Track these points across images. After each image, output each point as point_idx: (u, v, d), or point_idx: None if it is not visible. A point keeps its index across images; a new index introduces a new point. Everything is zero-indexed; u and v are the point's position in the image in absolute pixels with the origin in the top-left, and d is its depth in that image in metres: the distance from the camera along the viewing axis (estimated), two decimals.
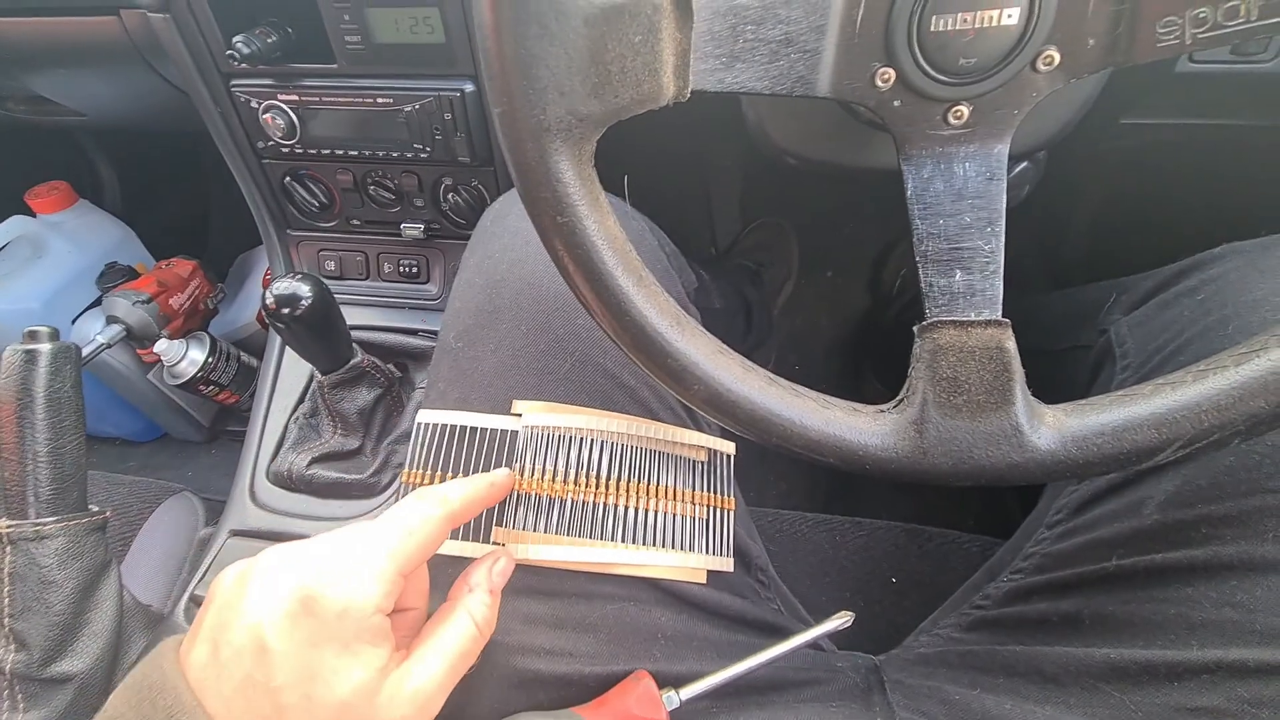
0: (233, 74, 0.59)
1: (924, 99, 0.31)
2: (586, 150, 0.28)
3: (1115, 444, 0.28)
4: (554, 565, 0.35)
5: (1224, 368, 0.28)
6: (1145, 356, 0.40)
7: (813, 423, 0.30)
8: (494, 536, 0.36)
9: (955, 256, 0.32)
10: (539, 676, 0.33)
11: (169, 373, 0.91)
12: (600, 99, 0.26)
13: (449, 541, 0.36)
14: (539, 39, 0.25)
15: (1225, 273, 0.39)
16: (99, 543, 0.43)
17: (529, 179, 0.27)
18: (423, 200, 0.64)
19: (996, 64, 0.30)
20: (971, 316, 0.31)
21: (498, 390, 0.38)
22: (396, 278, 0.71)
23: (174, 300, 0.90)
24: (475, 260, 0.43)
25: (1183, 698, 0.30)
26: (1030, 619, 0.37)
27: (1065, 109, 0.42)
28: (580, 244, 0.28)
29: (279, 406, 0.65)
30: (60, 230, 0.95)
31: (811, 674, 0.39)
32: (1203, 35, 0.27)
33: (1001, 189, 0.32)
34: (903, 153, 0.32)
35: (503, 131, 0.27)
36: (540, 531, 0.36)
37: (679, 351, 0.30)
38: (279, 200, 0.68)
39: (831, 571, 0.55)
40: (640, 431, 0.38)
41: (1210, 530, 0.32)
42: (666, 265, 0.47)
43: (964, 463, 0.30)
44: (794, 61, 0.30)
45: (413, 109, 0.56)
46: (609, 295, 0.29)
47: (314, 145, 0.61)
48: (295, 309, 0.50)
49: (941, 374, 0.30)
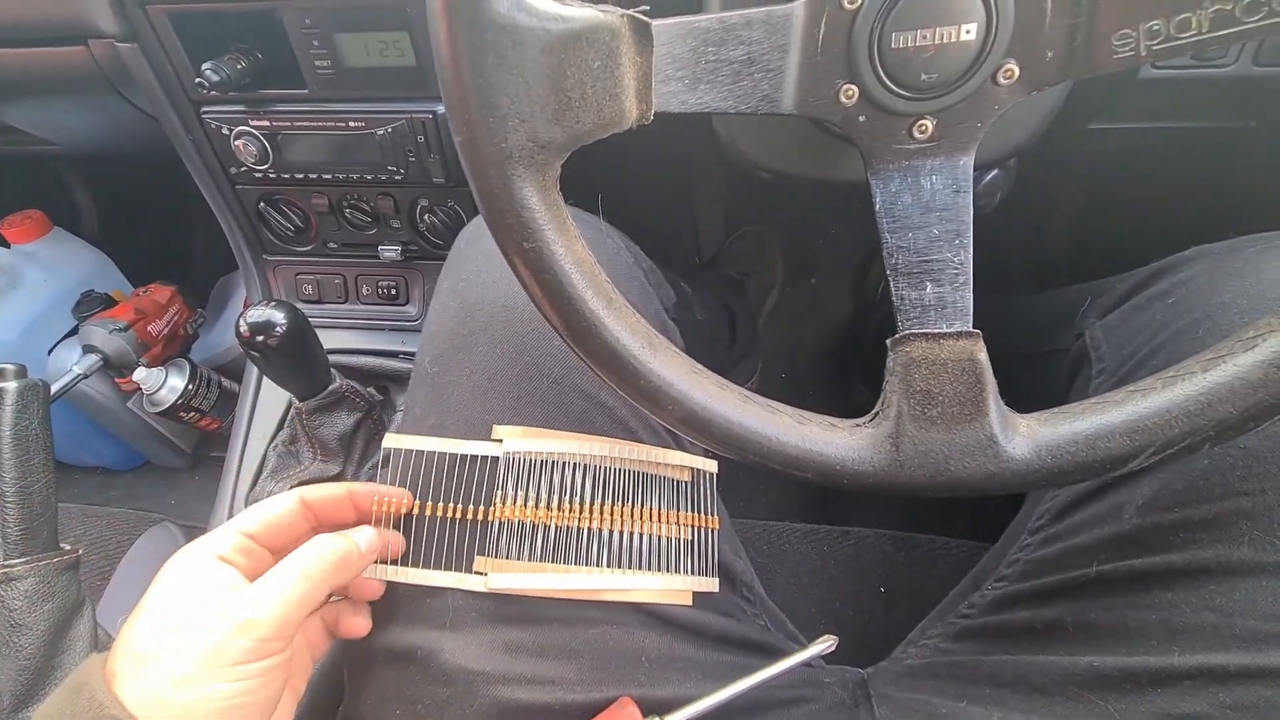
0: (203, 101, 0.58)
1: (888, 114, 0.31)
2: (550, 175, 0.28)
3: (1089, 452, 0.29)
4: (539, 594, 0.35)
5: (1192, 374, 0.28)
6: (1120, 360, 0.41)
7: (789, 439, 0.30)
8: (476, 565, 0.35)
9: (925, 269, 0.32)
10: (521, 706, 0.33)
11: (149, 400, 0.90)
12: (562, 125, 0.26)
13: (428, 571, 0.35)
14: (497, 68, 0.25)
15: (1194, 275, 0.39)
16: (71, 582, 0.42)
17: (493, 206, 0.27)
18: (399, 221, 0.64)
19: (958, 79, 0.30)
20: (943, 328, 0.31)
21: (475, 414, 0.38)
22: (375, 299, 0.70)
23: (152, 327, 0.89)
24: (449, 284, 0.43)
25: (1167, 704, 0.30)
26: (1015, 627, 0.37)
27: (1031, 117, 0.42)
28: (548, 269, 0.28)
29: (257, 434, 0.65)
30: (34, 260, 0.94)
31: (798, 692, 0.38)
32: (1157, 47, 0.28)
33: (968, 201, 0.32)
34: (870, 167, 0.32)
35: (465, 160, 0.27)
36: (524, 559, 0.36)
37: (652, 372, 0.29)
38: (254, 225, 0.68)
39: (820, 583, 0.55)
40: (623, 454, 0.38)
41: (1188, 534, 0.32)
42: (643, 282, 0.47)
43: (940, 475, 0.30)
44: (758, 81, 0.30)
45: (385, 132, 0.56)
46: (578, 319, 0.29)
47: (288, 170, 0.61)
48: (270, 336, 0.50)
49: (915, 387, 0.30)
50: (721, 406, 0.30)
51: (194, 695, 0.26)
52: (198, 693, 0.26)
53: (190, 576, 0.29)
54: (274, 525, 0.32)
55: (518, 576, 0.35)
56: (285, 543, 0.32)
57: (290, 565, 0.29)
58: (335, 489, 0.34)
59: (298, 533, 0.33)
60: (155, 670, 0.26)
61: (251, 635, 0.27)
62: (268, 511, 0.32)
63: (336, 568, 0.30)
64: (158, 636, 0.27)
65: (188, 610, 0.28)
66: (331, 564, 0.30)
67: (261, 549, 0.31)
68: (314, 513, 0.33)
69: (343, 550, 0.31)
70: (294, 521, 0.33)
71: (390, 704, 0.34)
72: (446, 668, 0.33)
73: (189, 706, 0.26)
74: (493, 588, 0.34)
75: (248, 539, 0.31)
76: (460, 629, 0.34)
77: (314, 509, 0.33)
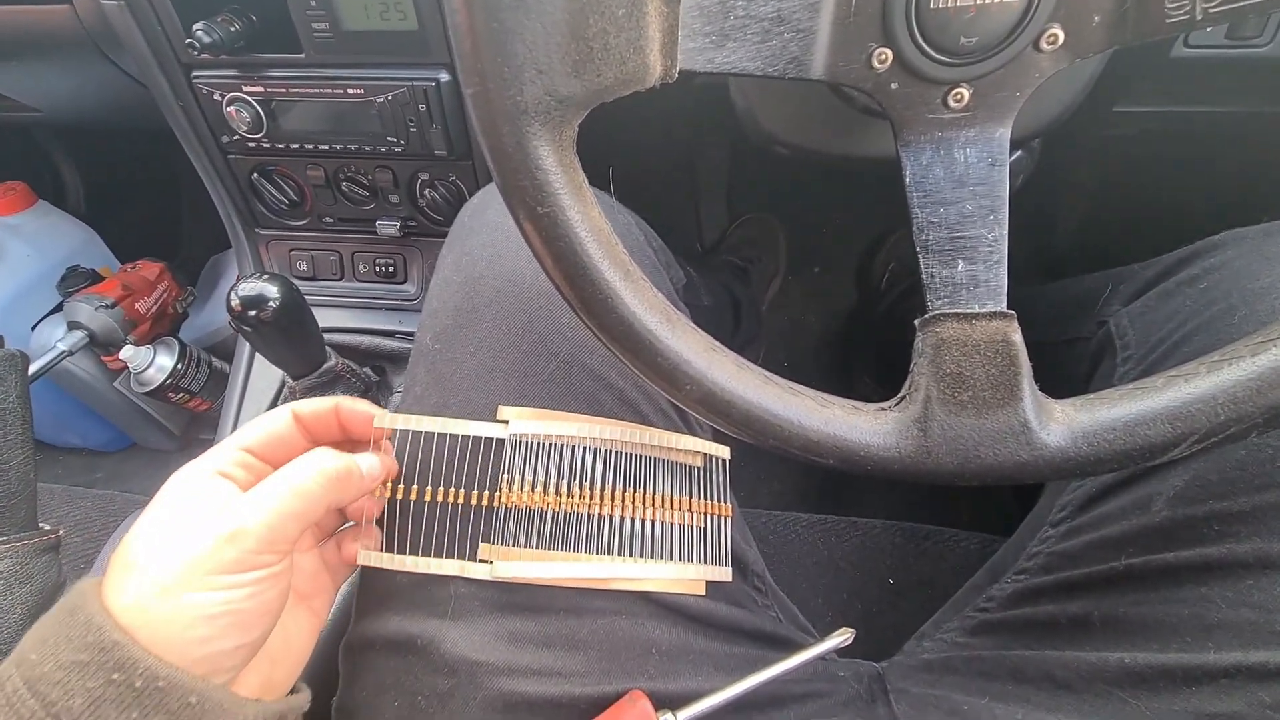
0: (193, 65, 0.56)
1: (923, 81, 0.30)
2: (568, 135, 0.26)
3: (1128, 439, 0.27)
4: (548, 583, 0.33)
5: (1240, 358, 0.27)
6: (1147, 348, 0.39)
7: (811, 422, 0.29)
8: (481, 553, 0.34)
9: (957, 246, 0.31)
10: (526, 699, 0.31)
11: (136, 380, 0.87)
12: (581, 78, 0.25)
13: (429, 559, 0.34)
14: (514, 11, 0.23)
15: (1228, 260, 0.38)
16: (50, 564, 0.40)
17: (506, 166, 0.25)
18: (398, 196, 0.62)
19: (998, 43, 0.28)
20: (975, 309, 0.29)
21: (478, 394, 0.36)
22: (372, 278, 0.68)
23: (140, 304, 0.87)
24: (453, 257, 0.41)
25: (1201, 703, 0.29)
26: (1038, 622, 0.36)
27: (1066, 91, 0.41)
28: (562, 236, 0.26)
29: (249, 414, 0.63)
30: (18, 233, 0.91)
31: (813, 686, 0.37)
32: (1214, 9, 0.26)
33: (1004, 175, 0.31)
34: (900, 138, 0.31)
35: (476, 115, 0.25)
36: (532, 547, 0.34)
37: (669, 350, 0.28)
38: (247, 198, 0.65)
39: (828, 574, 0.54)
40: (633, 438, 0.36)
41: (1223, 527, 0.31)
42: (654, 261, 0.45)
43: (970, 462, 0.29)
44: (787, 41, 0.28)
45: (385, 100, 0.54)
46: (594, 291, 0.27)
47: (282, 139, 0.58)
48: (262, 311, 0.48)
49: (945, 369, 0.29)
50: (741, 387, 0.29)
51: (177, 603, 0.25)
52: (181, 600, 0.25)
53: (187, 490, 0.29)
54: (273, 440, 0.32)
55: (525, 565, 0.33)
56: (285, 457, 0.31)
57: (281, 477, 0.29)
58: (323, 403, 0.33)
59: (296, 447, 0.33)
60: (142, 578, 0.26)
61: (239, 545, 0.26)
62: (267, 425, 0.32)
63: (333, 483, 0.30)
64: (149, 546, 0.27)
65: (181, 521, 0.27)
66: (327, 478, 0.30)
67: (262, 464, 0.31)
68: (305, 427, 0.33)
69: (338, 468, 0.30)
70: (290, 435, 0.32)
71: (388, 695, 0.33)
72: (448, 658, 0.32)
73: (170, 614, 0.25)
74: (499, 576, 0.33)
75: (247, 453, 0.31)
76: (462, 618, 0.33)
77: (305, 423, 0.33)
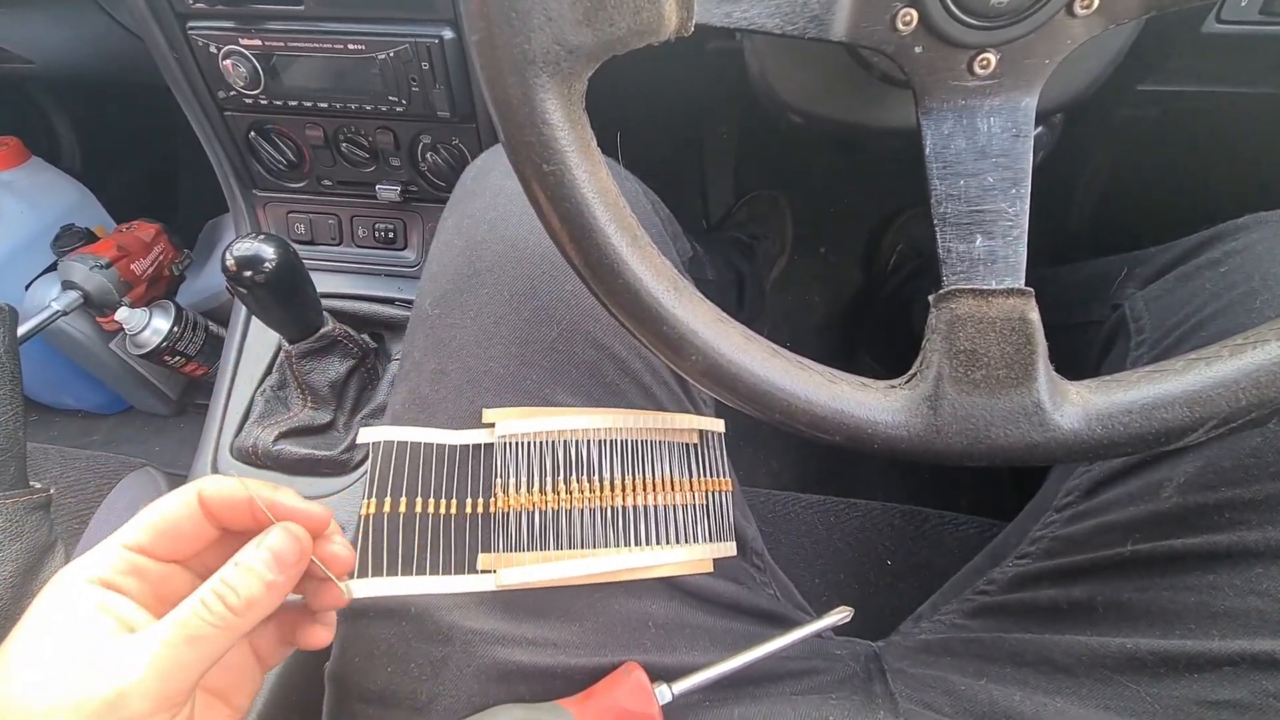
0: (189, 15, 0.54)
1: (948, 45, 0.28)
2: (577, 89, 0.24)
3: (1144, 423, 0.27)
4: (558, 584, 0.32)
5: (1265, 342, 0.26)
6: (1163, 332, 0.38)
7: (819, 398, 0.28)
8: (481, 564, 0.33)
9: (976, 220, 0.30)
10: (520, 668, 0.31)
11: (132, 342, 0.86)
12: (593, 27, 0.23)
13: (426, 578, 0.32)
14: None
15: (1251, 244, 0.37)
16: (41, 521, 0.39)
17: (511, 120, 0.24)
18: (399, 159, 0.60)
19: (1030, 6, 0.27)
20: (992, 285, 0.29)
21: (477, 362, 0.35)
22: (371, 243, 0.67)
23: (136, 265, 0.85)
24: (454, 220, 0.40)
25: (1204, 690, 0.28)
26: (1039, 606, 0.36)
27: (1096, 61, 0.39)
28: (569, 196, 0.25)
29: (245, 377, 0.62)
30: (11, 189, 0.89)
31: (809, 663, 0.37)
32: None
33: (1028, 147, 0.30)
34: (922, 106, 0.30)
35: (480, 63, 0.24)
36: (535, 549, 0.33)
37: (676, 318, 0.27)
38: (244, 157, 0.64)
39: (825, 554, 0.54)
40: (625, 424, 0.35)
41: (1234, 515, 0.30)
42: (661, 231, 0.44)
43: (980, 442, 0.28)
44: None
45: (387, 57, 0.52)
46: (599, 254, 0.26)
47: (280, 96, 0.57)
48: (258, 272, 0.47)
49: (959, 346, 0.28)
50: (748, 360, 0.28)
51: None
52: None
53: (63, 614, 0.24)
54: (169, 532, 0.26)
55: (530, 569, 0.32)
56: (190, 551, 0.27)
57: (172, 621, 0.24)
58: (235, 489, 0.27)
59: (204, 537, 0.27)
60: None
61: (127, 708, 0.22)
62: (158, 515, 0.26)
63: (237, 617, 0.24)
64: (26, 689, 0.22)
65: (59, 662, 0.22)
66: (223, 617, 0.24)
67: (160, 564, 0.26)
68: (212, 514, 0.27)
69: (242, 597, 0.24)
70: (195, 525, 0.27)
71: (380, 661, 0.32)
72: (442, 626, 0.31)
73: None
74: (504, 586, 0.32)
75: (136, 554, 0.25)
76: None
77: (212, 509, 0.27)
